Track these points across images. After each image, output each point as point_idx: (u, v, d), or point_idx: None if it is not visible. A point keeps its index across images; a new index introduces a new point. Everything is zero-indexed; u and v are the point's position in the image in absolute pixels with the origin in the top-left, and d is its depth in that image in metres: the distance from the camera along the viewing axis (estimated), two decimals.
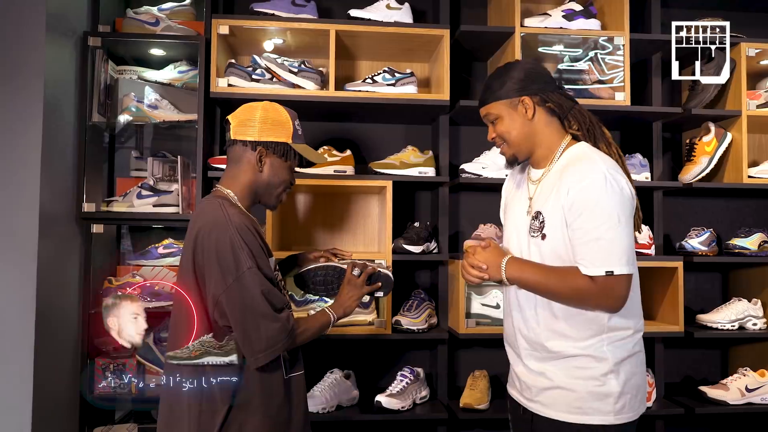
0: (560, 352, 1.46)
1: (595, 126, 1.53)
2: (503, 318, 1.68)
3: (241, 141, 1.56)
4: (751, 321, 2.59)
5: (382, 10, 2.48)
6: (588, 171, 1.41)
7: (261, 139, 1.55)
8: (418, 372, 2.50)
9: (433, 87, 2.67)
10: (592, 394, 1.42)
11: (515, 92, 1.51)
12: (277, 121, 1.57)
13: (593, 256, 1.38)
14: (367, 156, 2.71)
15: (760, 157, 2.84)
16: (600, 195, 1.38)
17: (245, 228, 1.46)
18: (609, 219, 1.37)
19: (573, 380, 1.44)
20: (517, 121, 1.52)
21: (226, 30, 2.37)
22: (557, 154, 1.52)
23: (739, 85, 2.60)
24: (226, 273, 1.42)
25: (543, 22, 2.53)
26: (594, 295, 1.40)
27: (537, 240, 1.49)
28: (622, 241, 1.38)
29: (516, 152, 1.56)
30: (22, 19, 1.99)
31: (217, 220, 1.46)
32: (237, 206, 1.54)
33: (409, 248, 2.44)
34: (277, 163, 1.58)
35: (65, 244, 2.22)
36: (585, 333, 1.44)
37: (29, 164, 1.98)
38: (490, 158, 2.53)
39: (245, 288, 1.42)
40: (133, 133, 2.66)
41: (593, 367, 1.43)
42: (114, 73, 2.50)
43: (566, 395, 1.44)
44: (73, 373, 2.26)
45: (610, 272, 1.37)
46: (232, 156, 1.59)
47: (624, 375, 1.44)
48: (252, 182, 1.58)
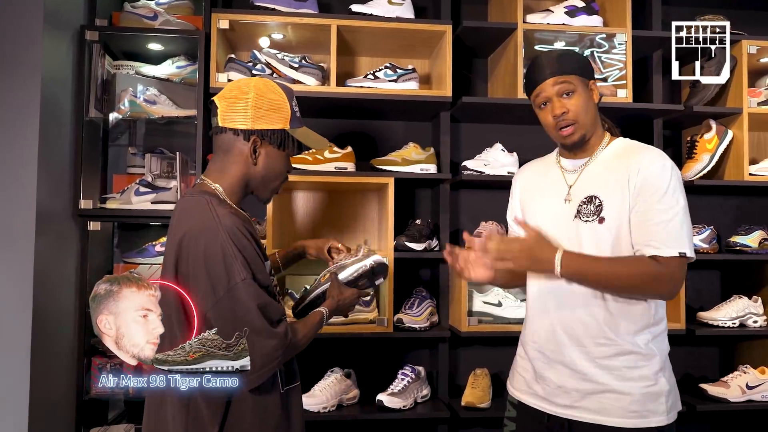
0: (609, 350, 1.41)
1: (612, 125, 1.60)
2: (527, 319, 1.59)
3: (231, 129, 1.37)
4: (751, 318, 2.59)
5: (383, 5, 2.45)
6: (658, 156, 1.43)
7: (255, 127, 1.36)
8: (419, 370, 2.48)
9: (434, 83, 2.65)
10: (647, 396, 1.39)
11: (590, 74, 1.51)
12: (272, 104, 1.38)
13: (667, 237, 1.37)
14: (368, 152, 2.68)
15: (760, 154, 2.84)
16: (671, 179, 1.39)
17: (238, 232, 1.29)
18: (678, 203, 1.39)
19: (625, 382, 1.40)
20: (589, 103, 1.49)
21: (226, 24, 2.34)
22: (604, 143, 1.53)
23: (740, 82, 2.60)
24: (217, 285, 1.25)
25: (545, 19, 2.51)
26: (663, 278, 1.37)
27: (592, 224, 1.43)
28: (688, 225, 1.40)
29: (582, 133, 1.49)
30: (20, 12, 1.95)
31: (206, 223, 1.29)
32: (226, 203, 1.37)
33: (411, 246, 2.42)
34: (274, 154, 1.40)
35: (62, 241, 2.18)
36: (636, 327, 1.42)
37: (26, 160, 1.94)
38: (492, 155, 2.52)
39: (238, 302, 1.25)
40: (130, 129, 2.62)
41: (643, 365, 1.41)
42: (111, 68, 2.46)
43: (619, 399, 1.39)
44: (69, 372, 2.23)
45: (683, 254, 1.36)
46: (220, 145, 1.40)
47: (668, 371, 1.45)
48: (244, 175, 1.40)
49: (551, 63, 1.48)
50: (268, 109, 1.37)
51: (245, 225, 1.34)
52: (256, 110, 1.36)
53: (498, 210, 2.70)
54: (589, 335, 1.43)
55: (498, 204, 2.73)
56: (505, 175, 2.51)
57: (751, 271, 2.79)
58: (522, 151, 2.65)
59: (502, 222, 2.61)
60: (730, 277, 2.87)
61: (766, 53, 2.69)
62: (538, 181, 1.63)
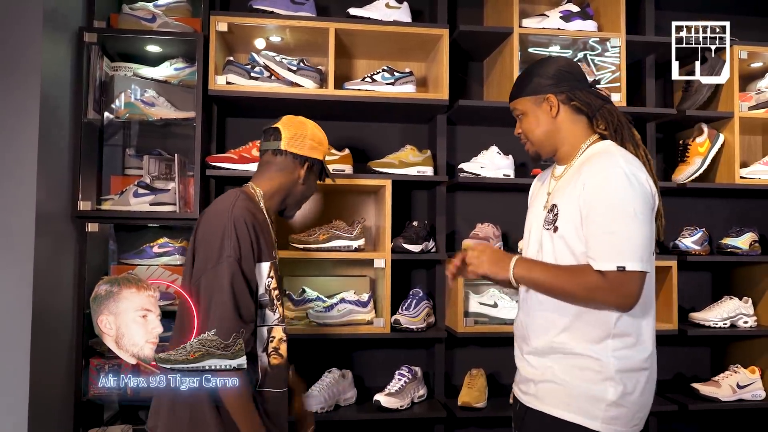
0: (563, 349, 1.43)
1: (624, 126, 1.51)
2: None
3: (292, 153, 1.62)
4: (742, 319, 2.63)
5: (381, 9, 2.48)
6: (606, 165, 1.39)
7: (310, 155, 1.64)
8: (416, 371, 2.50)
9: (431, 86, 2.67)
10: (585, 394, 1.39)
11: (542, 89, 1.50)
12: (321, 140, 1.68)
13: (605, 250, 1.35)
14: (364, 154, 2.70)
15: (751, 158, 2.89)
16: (616, 188, 1.36)
17: (242, 221, 1.44)
18: (624, 213, 1.34)
19: (569, 377, 1.42)
20: (541, 119, 1.51)
21: (224, 27, 2.35)
22: (580, 151, 1.50)
23: (732, 87, 2.64)
24: (209, 258, 1.41)
25: (541, 23, 2.54)
26: (604, 292, 1.35)
27: (549, 233, 1.47)
28: (637, 237, 1.34)
29: (538, 149, 1.56)
30: (19, 14, 1.95)
31: (222, 208, 1.48)
32: (256, 202, 1.56)
33: (408, 247, 2.44)
34: (313, 179, 1.69)
35: (60, 243, 2.19)
36: (591, 335, 1.41)
37: (26, 162, 1.94)
38: (488, 158, 2.55)
39: (218, 276, 1.39)
40: (128, 131, 2.62)
41: (594, 369, 1.40)
42: (109, 70, 2.46)
43: (558, 390, 1.42)
44: (68, 373, 2.23)
45: (622, 267, 1.33)
46: (275, 162, 1.63)
47: (624, 387, 1.39)
48: (288, 190, 1.64)
49: (513, 88, 1.59)
50: (319, 143, 1.68)
51: (257, 223, 1.50)
52: (312, 141, 1.66)
53: (494, 212, 2.76)
54: (548, 334, 1.46)
55: (494, 206, 2.78)
56: (500, 177, 2.54)
57: (741, 273, 2.84)
58: (518, 153, 2.68)
59: (498, 223, 2.65)
60: (722, 279, 2.91)
61: (757, 58, 2.74)
62: (538, 188, 1.68)
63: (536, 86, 1.51)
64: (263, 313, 1.52)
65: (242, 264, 1.42)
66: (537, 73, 1.53)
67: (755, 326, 2.64)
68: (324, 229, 2.42)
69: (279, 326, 1.55)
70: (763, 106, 2.69)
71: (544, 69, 1.52)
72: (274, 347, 1.54)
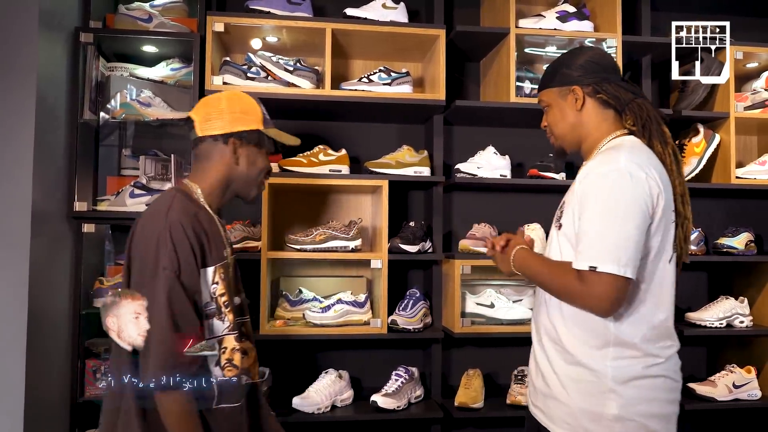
0: (561, 356, 1.37)
1: (653, 122, 1.41)
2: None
3: (210, 136, 1.45)
4: (738, 319, 2.64)
5: (377, 9, 2.47)
6: (605, 161, 1.33)
7: (233, 130, 1.45)
8: (412, 371, 2.50)
9: (428, 87, 2.67)
10: (585, 412, 1.31)
11: (567, 80, 1.45)
12: (245, 108, 1.48)
13: (583, 248, 1.29)
14: (360, 155, 2.70)
15: (747, 158, 2.90)
16: (605, 186, 1.29)
17: (179, 226, 1.32)
18: (607, 212, 1.27)
19: (566, 392, 1.34)
20: (566, 111, 1.46)
21: (221, 27, 2.35)
22: (601, 146, 1.43)
23: (727, 87, 2.65)
24: (144, 271, 1.31)
25: (537, 24, 2.55)
26: (578, 292, 1.29)
27: (555, 229, 1.44)
28: (616, 237, 1.26)
29: (561, 143, 1.51)
30: (15, 15, 1.95)
31: (157, 211, 1.36)
32: (196, 202, 1.43)
33: (405, 248, 2.44)
34: (253, 152, 1.49)
35: (56, 243, 2.18)
36: (589, 341, 1.33)
37: (22, 162, 1.94)
38: (485, 158, 2.55)
39: (155, 292, 1.28)
40: (124, 131, 2.61)
41: (590, 381, 1.32)
42: (105, 70, 2.46)
43: (560, 407, 1.35)
44: (64, 374, 2.22)
45: (593, 267, 1.25)
46: (201, 152, 1.48)
47: (628, 397, 1.29)
48: (226, 177, 1.48)
49: (541, 78, 1.54)
50: (242, 112, 1.47)
51: (198, 224, 1.37)
52: (232, 114, 1.45)
53: (491, 212, 2.76)
54: (549, 337, 1.41)
55: (491, 206, 2.79)
56: (497, 177, 2.54)
57: (737, 273, 2.85)
58: (514, 153, 2.69)
59: (495, 224, 2.66)
60: (718, 279, 2.92)
61: (752, 58, 2.75)
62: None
63: (562, 77, 1.46)
64: (210, 324, 1.39)
65: (181, 276, 1.30)
66: (564, 63, 1.47)
67: (751, 326, 2.64)
68: (321, 230, 2.42)
69: (230, 335, 1.42)
70: (759, 107, 2.70)
71: (572, 59, 1.46)
72: (227, 359, 1.41)
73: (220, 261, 1.41)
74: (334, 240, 2.41)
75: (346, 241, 2.42)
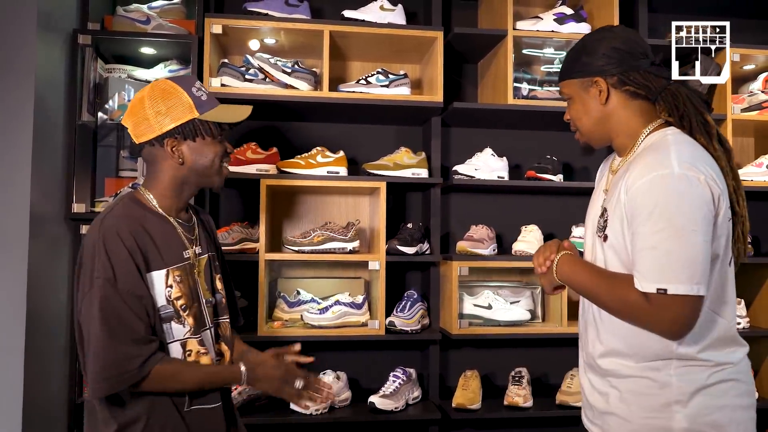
0: (615, 371, 1.25)
1: (692, 113, 1.26)
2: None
3: (145, 142, 1.38)
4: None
5: (375, 11, 2.48)
6: (654, 164, 1.17)
7: (163, 131, 1.36)
8: (410, 372, 2.51)
9: (426, 88, 2.68)
10: (649, 427, 1.20)
11: (589, 70, 1.30)
12: (169, 102, 1.36)
13: (646, 267, 1.16)
14: (358, 156, 2.71)
15: (744, 159, 2.91)
16: (661, 196, 1.14)
17: (113, 233, 1.29)
18: (670, 225, 1.13)
19: (628, 407, 1.23)
20: (590, 105, 1.32)
21: (219, 29, 2.35)
22: (638, 142, 1.28)
23: (724, 89, 2.66)
24: (84, 285, 1.28)
25: (535, 25, 2.55)
26: (644, 315, 1.17)
27: (600, 240, 1.29)
28: (685, 253, 1.13)
29: (588, 140, 1.37)
30: (13, 17, 1.95)
31: (97, 220, 1.34)
32: (146, 206, 1.40)
33: (403, 249, 2.44)
34: (195, 145, 1.39)
35: (55, 245, 2.18)
36: (648, 356, 1.21)
37: (20, 164, 1.94)
38: (482, 160, 2.55)
39: (91, 302, 1.26)
40: (122, 133, 2.61)
41: (654, 394, 1.20)
42: (103, 72, 2.46)
43: (622, 425, 1.24)
44: (63, 376, 2.23)
45: (663, 290, 1.13)
46: (146, 158, 1.42)
47: (696, 408, 1.18)
48: (177, 177, 1.41)
49: (561, 66, 1.39)
50: (168, 108, 1.36)
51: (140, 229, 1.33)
52: (157, 115, 1.36)
53: (488, 214, 2.77)
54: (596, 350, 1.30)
55: (488, 208, 2.79)
56: (495, 179, 2.55)
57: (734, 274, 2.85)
58: (512, 155, 2.70)
59: (493, 225, 2.66)
60: None
61: (749, 61, 2.75)
62: (599, 179, 1.47)
63: (583, 67, 1.30)
64: (169, 328, 1.36)
65: (118, 284, 1.27)
66: (586, 50, 1.31)
67: (748, 327, 2.65)
68: (319, 231, 2.43)
69: (193, 339, 1.39)
70: (756, 108, 2.71)
71: (595, 45, 1.30)
72: (194, 361, 1.39)
73: (175, 263, 1.38)
74: (332, 241, 2.41)
75: (344, 242, 2.42)
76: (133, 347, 1.26)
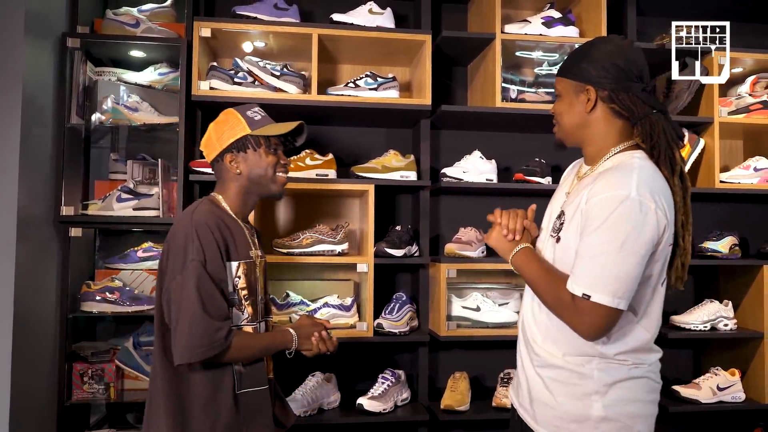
0: (546, 359, 1.37)
1: (662, 146, 1.33)
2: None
3: (213, 161, 1.66)
4: (722, 322, 2.66)
5: (364, 14, 2.49)
6: (615, 184, 1.26)
7: (222, 147, 1.62)
8: (399, 374, 2.52)
9: (415, 91, 2.69)
10: (570, 414, 1.33)
11: (584, 78, 1.36)
12: (227, 124, 1.64)
13: (580, 273, 1.27)
14: (348, 159, 2.71)
15: (731, 162, 2.92)
16: (613, 214, 1.23)
17: (204, 225, 1.50)
18: (612, 241, 1.23)
19: (552, 395, 1.35)
20: (575, 108, 1.39)
21: (208, 33, 2.36)
22: (607, 156, 1.37)
23: (712, 92, 2.67)
24: (176, 267, 1.47)
25: (523, 29, 2.57)
26: (568, 313, 1.29)
27: (552, 241, 1.39)
28: (617, 270, 1.23)
29: (563, 138, 1.45)
30: (1, 19, 1.96)
31: (184, 215, 1.55)
32: (220, 207, 1.62)
33: (391, 252, 2.45)
34: (250, 156, 1.63)
35: (43, 248, 2.19)
36: (573, 351, 1.33)
37: (7, 167, 1.95)
38: (470, 163, 2.56)
39: (185, 280, 1.45)
40: (111, 136, 2.62)
41: (575, 384, 1.33)
42: (93, 75, 2.47)
43: (547, 411, 1.36)
44: (51, 378, 2.23)
45: (587, 296, 1.25)
46: (216, 173, 1.69)
47: (612, 398, 1.31)
48: (238, 186, 1.64)
49: (564, 61, 1.45)
50: (226, 129, 1.63)
51: (222, 224, 1.55)
52: (218, 135, 1.64)
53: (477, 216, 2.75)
54: (535, 336, 1.41)
55: (477, 210, 2.77)
56: (483, 182, 2.56)
57: (722, 276, 2.87)
58: (500, 158, 2.71)
59: (481, 228, 2.67)
60: (702, 282, 2.94)
61: (737, 64, 2.77)
62: (564, 179, 1.56)
63: (581, 71, 1.36)
64: (231, 312, 1.55)
65: (207, 266, 1.47)
66: (589, 56, 1.36)
67: (735, 329, 2.67)
68: (308, 234, 2.44)
69: (249, 325, 1.58)
70: (743, 111, 2.73)
71: (597, 54, 1.35)
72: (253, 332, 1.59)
73: (244, 259, 1.59)
74: (321, 244, 2.42)
75: (333, 244, 2.44)
76: (221, 321, 1.46)
